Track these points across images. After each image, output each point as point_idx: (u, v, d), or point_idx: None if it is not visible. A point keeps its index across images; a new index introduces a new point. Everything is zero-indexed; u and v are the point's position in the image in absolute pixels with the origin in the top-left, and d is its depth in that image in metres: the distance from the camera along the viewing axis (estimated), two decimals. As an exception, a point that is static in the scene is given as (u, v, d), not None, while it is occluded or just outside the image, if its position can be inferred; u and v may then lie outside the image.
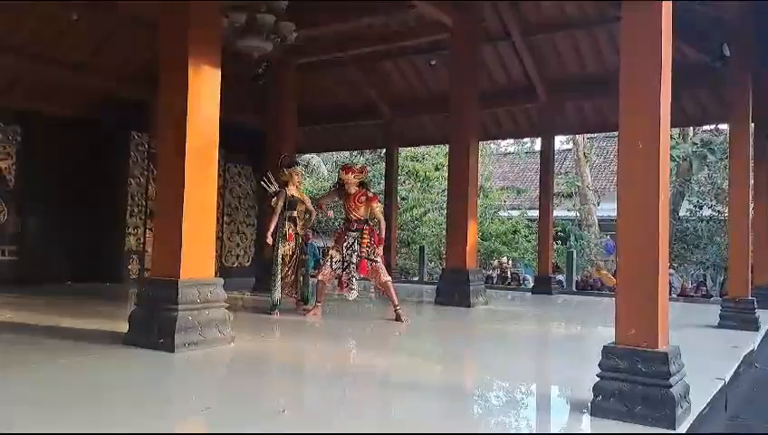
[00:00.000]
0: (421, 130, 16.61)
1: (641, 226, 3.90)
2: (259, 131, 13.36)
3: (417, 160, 24.14)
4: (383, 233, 8.36)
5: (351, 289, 8.23)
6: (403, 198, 22.11)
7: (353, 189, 8.29)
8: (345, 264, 8.22)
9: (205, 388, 4.65)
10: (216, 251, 10.44)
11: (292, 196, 8.66)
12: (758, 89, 9.63)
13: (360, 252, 8.13)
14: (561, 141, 26.99)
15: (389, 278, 8.33)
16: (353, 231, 8.26)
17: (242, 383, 4.93)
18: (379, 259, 8.21)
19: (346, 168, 8.53)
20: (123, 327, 6.02)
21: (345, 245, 8.22)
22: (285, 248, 8.57)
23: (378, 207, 8.41)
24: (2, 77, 11.05)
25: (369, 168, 8.66)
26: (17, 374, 4.72)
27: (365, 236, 8.17)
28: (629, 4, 4.03)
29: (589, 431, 3.84)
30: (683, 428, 3.72)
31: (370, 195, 8.43)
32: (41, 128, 11.83)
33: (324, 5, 10.70)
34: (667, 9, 3.99)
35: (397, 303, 8.27)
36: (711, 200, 20.44)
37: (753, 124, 9.93)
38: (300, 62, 12.93)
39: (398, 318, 8.19)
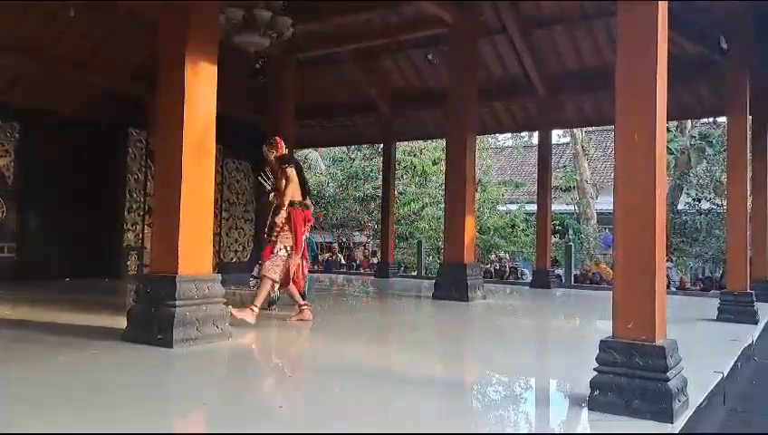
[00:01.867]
0: (419, 125, 16.63)
1: (638, 220, 3.90)
2: (258, 127, 13.35)
3: (415, 155, 24.13)
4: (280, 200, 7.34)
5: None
6: (401, 193, 22.11)
7: (275, 167, 7.55)
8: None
9: (203, 384, 4.65)
10: (215, 247, 10.46)
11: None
12: (756, 85, 9.63)
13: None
14: (558, 135, 27.06)
15: (266, 275, 7.21)
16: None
17: (239, 379, 4.94)
18: (277, 251, 7.23)
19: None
20: (122, 323, 6.02)
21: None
22: (283, 244, 8.53)
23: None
24: (1, 75, 11.03)
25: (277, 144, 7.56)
26: (16, 371, 4.72)
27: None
28: (626, 4, 4.03)
29: (587, 426, 3.84)
30: (681, 422, 3.73)
31: (284, 166, 7.43)
32: (40, 125, 11.82)
33: (324, 2, 10.68)
34: (663, 8, 3.99)
35: (258, 304, 7.15)
36: (709, 193, 20.43)
37: (750, 117, 9.94)
38: (298, 59, 12.92)
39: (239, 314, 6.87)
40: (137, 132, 13.12)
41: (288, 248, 7.28)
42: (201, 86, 6.01)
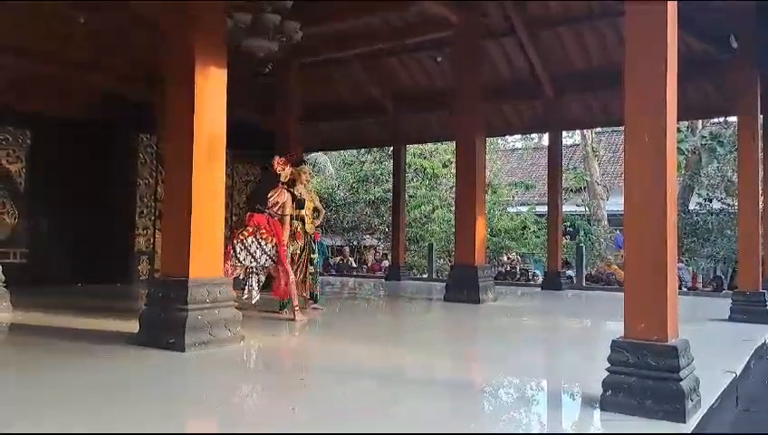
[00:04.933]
0: (427, 127, 16.59)
1: (649, 220, 3.89)
2: (267, 131, 13.38)
3: (425, 157, 24.11)
4: None
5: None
6: (411, 196, 22.09)
7: None
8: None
9: (215, 387, 4.66)
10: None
11: (300, 194, 8.65)
12: (766, 83, 9.59)
13: None
14: (568, 136, 26.93)
15: None
16: None
17: (252, 383, 4.96)
18: None
19: None
20: (134, 327, 6.06)
21: None
22: (293, 247, 8.55)
23: None
24: (12, 80, 11.10)
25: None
26: (29, 375, 4.76)
27: None
28: (634, 5, 4.02)
29: (599, 426, 3.83)
30: (693, 421, 3.72)
31: None
32: (50, 131, 11.88)
33: (329, 4, 10.69)
34: (672, 9, 3.97)
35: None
36: (721, 193, 20.30)
37: (762, 116, 9.90)
38: (306, 61, 12.95)
39: None
40: (147, 137, 13.16)
41: None
42: (210, 88, 6.04)
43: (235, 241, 7.52)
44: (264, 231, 7.62)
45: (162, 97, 6.37)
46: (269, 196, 7.84)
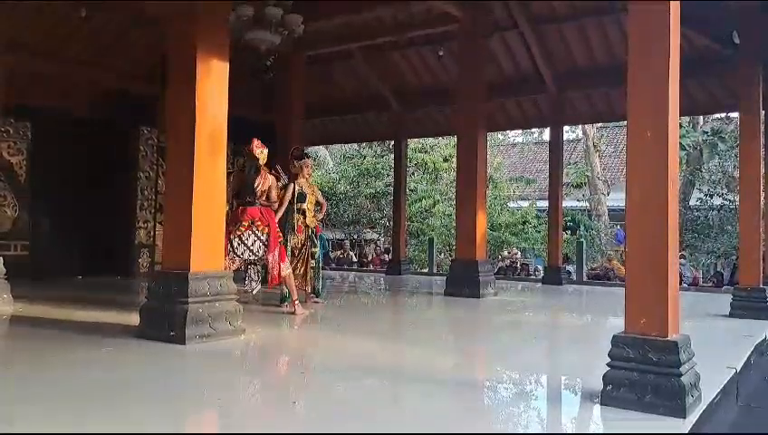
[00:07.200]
0: (430, 122, 16.57)
1: (651, 216, 3.90)
2: (268, 125, 13.37)
3: (426, 152, 24.10)
4: None
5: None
6: (412, 190, 22.07)
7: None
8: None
9: (216, 380, 4.67)
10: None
11: (302, 188, 8.65)
12: (768, 79, 9.60)
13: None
14: (569, 131, 26.93)
15: None
16: None
17: (253, 376, 4.97)
18: None
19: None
20: (135, 320, 6.07)
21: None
22: (294, 241, 8.55)
23: None
24: (14, 74, 11.08)
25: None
26: (30, 371, 4.75)
27: None
28: (637, 4, 4.01)
29: (600, 421, 3.84)
30: (693, 417, 3.72)
31: None
32: (52, 124, 11.85)
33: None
34: (675, 8, 3.97)
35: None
36: (722, 189, 20.30)
37: (763, 112, 9.88)
38: (308, 55, 12.94)
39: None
40: (147, 130, 13.14)
41: None
42: (212, 83, 6.04)
43: (231, 237, 7.47)
44: (259, 223, 7.61)
45: (164, 92, 6.36)
46: (255, 186, 7.79)
